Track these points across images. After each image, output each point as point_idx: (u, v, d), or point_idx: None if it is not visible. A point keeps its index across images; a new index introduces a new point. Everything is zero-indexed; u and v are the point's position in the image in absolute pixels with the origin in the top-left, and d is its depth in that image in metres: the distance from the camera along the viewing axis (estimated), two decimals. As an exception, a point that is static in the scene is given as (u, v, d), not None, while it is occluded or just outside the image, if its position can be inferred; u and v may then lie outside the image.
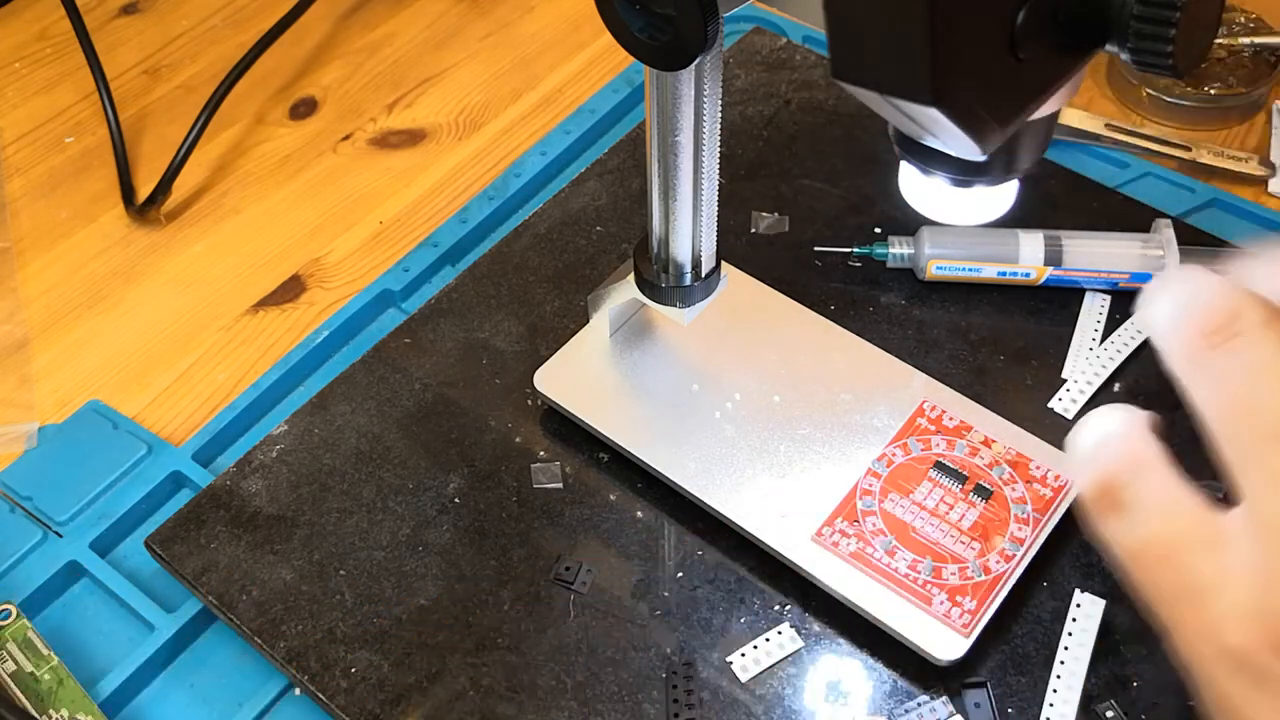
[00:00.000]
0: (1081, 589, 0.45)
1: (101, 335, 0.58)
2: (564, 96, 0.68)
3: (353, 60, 0.71)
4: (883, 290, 0.55)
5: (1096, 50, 0.32)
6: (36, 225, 0.63)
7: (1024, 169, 0.36)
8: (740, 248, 0.56)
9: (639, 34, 0.37)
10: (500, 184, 0.62)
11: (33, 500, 0.51)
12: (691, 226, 0.44)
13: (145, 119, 0.68)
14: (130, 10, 0.74)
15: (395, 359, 0.53)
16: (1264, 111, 0.64)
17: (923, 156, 0.36)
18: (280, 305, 0.59)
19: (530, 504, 0.48)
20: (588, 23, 0.72)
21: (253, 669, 0.46)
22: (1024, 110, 0.31)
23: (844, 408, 0.49)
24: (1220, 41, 0.64)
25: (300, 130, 0.67)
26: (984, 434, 0.48)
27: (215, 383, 0.56)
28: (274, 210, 0.63)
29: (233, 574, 0.46)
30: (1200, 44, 0.31)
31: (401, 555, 0.47)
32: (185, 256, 0.61)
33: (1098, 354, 0.52)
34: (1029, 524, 0.45)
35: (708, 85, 0.40)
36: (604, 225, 0.58)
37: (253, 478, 0.49)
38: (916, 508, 0.46)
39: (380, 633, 0.45)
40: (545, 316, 0.54)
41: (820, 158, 0.60)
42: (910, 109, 0.29)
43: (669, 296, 0.47)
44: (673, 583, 0.46)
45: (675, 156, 0.42)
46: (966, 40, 0.28)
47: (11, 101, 0.69)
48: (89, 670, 0.46)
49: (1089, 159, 0.62)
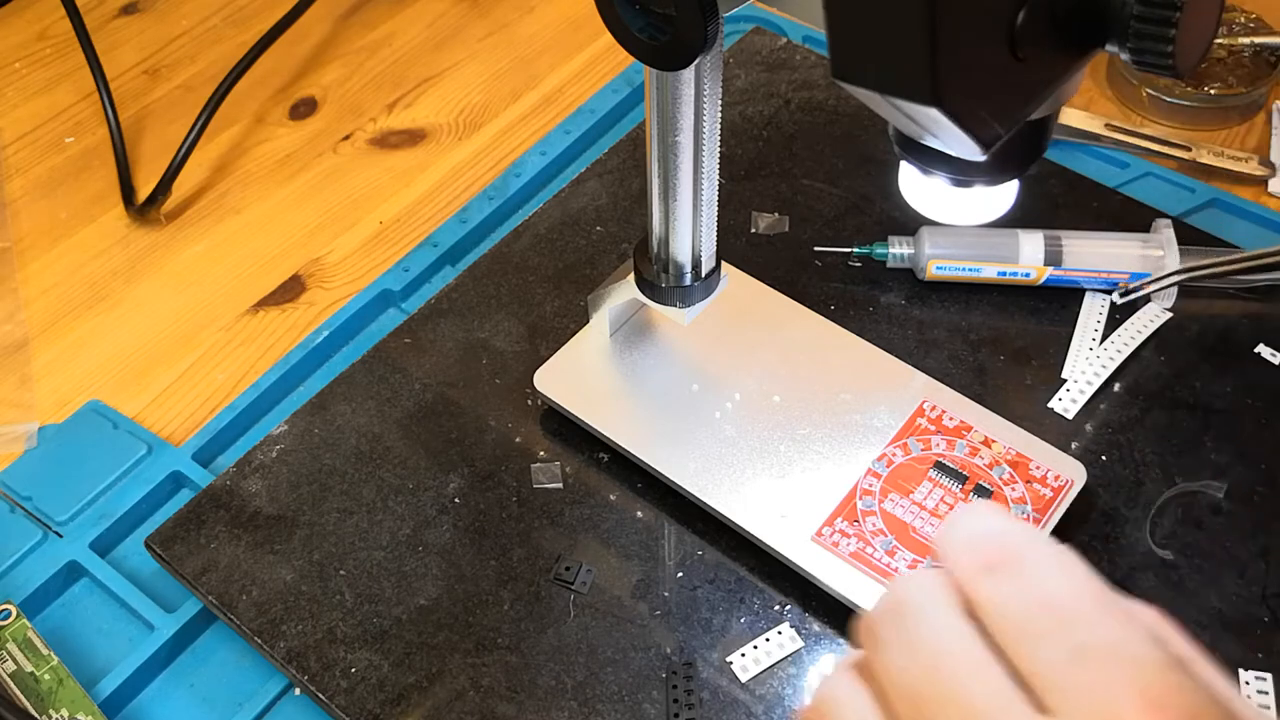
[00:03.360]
0: (1081, 589, 0.45)
1: (101, 335, 0.58)
2: (564, 96, 0.68)
3: (353, 60, 0.71)
4: (883, 290, 0.55)
5: (1096, 50, 0.32)
6: (36, 225, 0.63)
7: (1024, 169, 0.36)
8: (740, 248, 0.56)
9: (639, 34, 0.37)
10: (500, 184, 0.62)
11: (33, 500, 0.51)
12: (691, 226, 0.45)
13: (145, 119, 0.68)
14: (130, 10, 0.74)
15: (395, 359, 0.53)
16: (1264, 111, 0.64)
17: (923, 156, 0.36)
18: (280, 305, 0.59)
19: (530, 504, 0.48)
20: (588, 23, 0.72)
21: (253, 669, 0.46)
22: (1024, 110, 0.31)
23: (844, 408, 0.49)
24: (1220, 41, 0.64)
25: (300, 130, 0.67)
26: (984, 434, 0.48)
27: (215, 383, 0.56)
28: (274, 210, 0.63)
29: (233, 574, 0.46)
30: (1200, 44, 0.31)
31: (401, 555, 0.47)
32: (185, 256, 0.61)
33: (1098, 354, 0.52)
34: (1029, 524, 0.45)
35: (708, 85, 0.40)
36: (604, 225, 0.58)
37: (253, 478, 0.49)
38: (916, 508, 0.46)
39: (380, 633, 0.45)
40: (545, 316, 0.54)
41: (820, 158, 0.60)
42: (910, 109, 0.29)
43: (669, 296, 0.47)
44: (673, 583, 0.46)
45: (675, 156, 0.42)
46: (966, 40, 0.28)
47: (11, 101, 0.69)
48: (89, 670, 0.46)
49: (1089, 159, 0.62)
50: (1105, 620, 0.30)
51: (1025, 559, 0.32)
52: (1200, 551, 0.46)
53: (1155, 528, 0.47)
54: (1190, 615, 0.44)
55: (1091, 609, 0.31)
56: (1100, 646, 0.30)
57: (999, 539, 0.32)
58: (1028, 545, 0.32)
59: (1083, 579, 0.31)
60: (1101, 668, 0.29)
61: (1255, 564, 0.46)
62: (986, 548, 0.32)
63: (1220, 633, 0.44)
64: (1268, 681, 0.43)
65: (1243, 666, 0.43)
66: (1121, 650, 0.30)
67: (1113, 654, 0.30)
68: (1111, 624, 0.30)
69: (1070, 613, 0.30)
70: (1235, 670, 0.43)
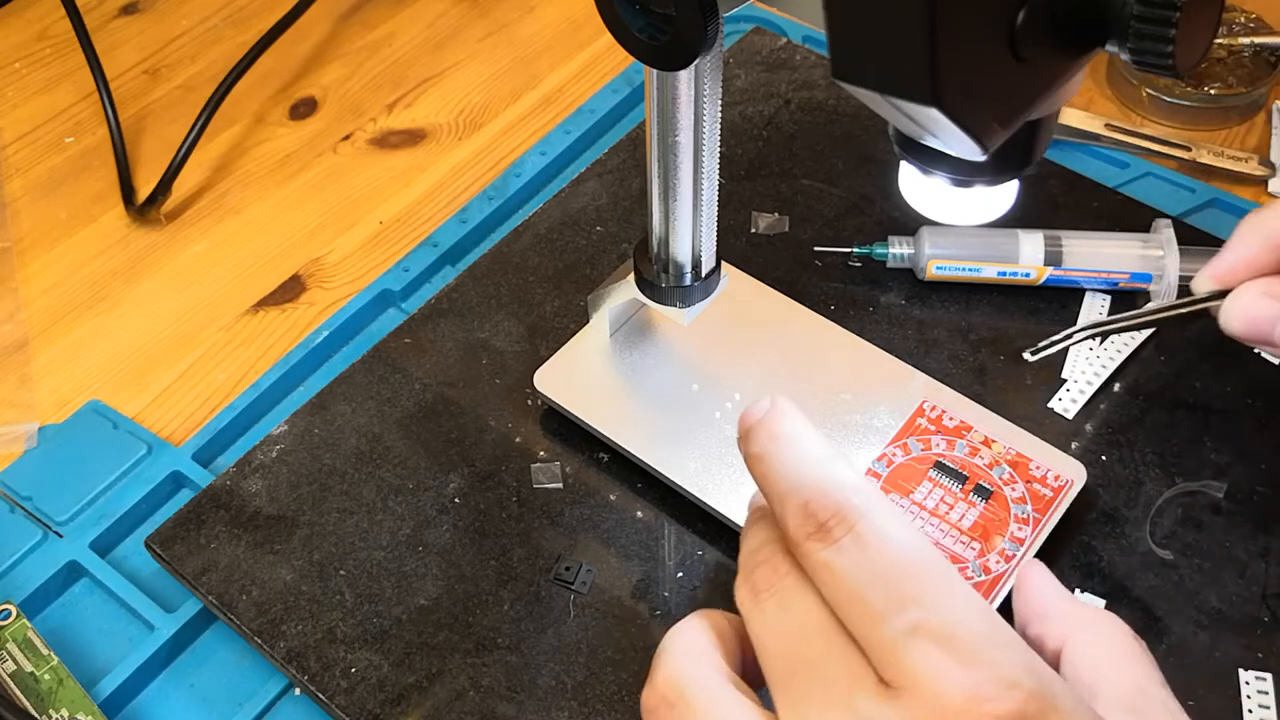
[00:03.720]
0: (1082, 589, 0.45)
1: (101, 335, 0.58)
2: (564, 96, 0.68)
3: (353, 60, 0.71)
4: (883, 290, 0.55)
5: (1096, 50, 0.32)
6: (36, 225, 0.63)
7: (1024, 169, 0.36)
8: (740, 248, 0.56)
9: (639, 34, 0.37)
10: (500, 184, 0.62)
11: (33, 500, 0.51)
12: (691, 226, 0.45)
13: (145, 119, 0.68)
14: (130, 10, 0.74)
15: (395, 359, 0.53)
16: (1264, 111, 0.64)
17: (923, 156, 0.36)
18: (280, 305, 0.59)
19: (530, 504, 0.48)
20: (588, 23, 0.72)
21: (253, 669, 0.46)
22: (1024, 110, 0.31)
23: (844, 408, 0.49)
24: (1220, 41, 0.64)
25: (300, 130, 0.67)
26: (984, 434, 0.48)
27: (215, 383, 0.56)
28: (274, 210, 0.63)
29: (233, 574, 0.46)
30: (1200, 44, 0.31)
31: (401, 555, 0.47)
32: (185, 256, 0.61)
33: (1098, 354, 0.52)
34: (1029, 524, 0.45)
35: (708, 85, 0.40)
36: (604, 225, 0.58)
37: (253, 478, 0.49)
38: (916, 508, 0.46)
39: (380, 633, 0.45)
40: (545, 316, 0.54)
41: (820, 158, 0.60)
42: (910, 109, 0.29)
43: (669, 296, 0.47)
44: (673, 583, 0.46)
45: (675, 156, 0.42)
46: (966, 40, 0.28)
47: (11, 101, 0.69)
48: (89, 670, 0.46)
49: (1089, 159, 0.62)
50: (940, 595, 0.30)
51: (858, 522, 0.31)
52: (1200, 551, 0.46)
53: (1155, 528, 0.47)
54: (1190, 615, 0.44)
55: (928, 581, 0.30)
56: (934, 625, 0.29)
57: (831, 496, 0.32)
58: (860, 506, 0.31)
59: (916, 547, 0.31)
60: (932, 649, 0.29)
61: (1255, 564, 0.46)
62: (818, 507, 0.32)
63: (1220, 633, 0.44)
64: (1268, 681, 0.43)
65: (1243, 666, 0.43)
66: (956, 631, 0.29)
67: (945, 635, 0.29)
68: (946, 599, 0.30)
69: (905, 586, 0.30)
70: (1235, 670, 0.43)
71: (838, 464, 0.33)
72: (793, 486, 0.32)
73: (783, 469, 0.33)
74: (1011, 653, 0.30)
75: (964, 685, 0.29)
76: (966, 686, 0.28)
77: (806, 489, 0.32)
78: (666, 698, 0.33)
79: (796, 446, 0.33)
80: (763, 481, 0.34)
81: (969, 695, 0.28)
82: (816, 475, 0.32)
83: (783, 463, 0.33)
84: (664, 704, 0.33)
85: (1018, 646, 0.30)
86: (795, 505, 0.32)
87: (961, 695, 0.28)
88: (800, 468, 0.33)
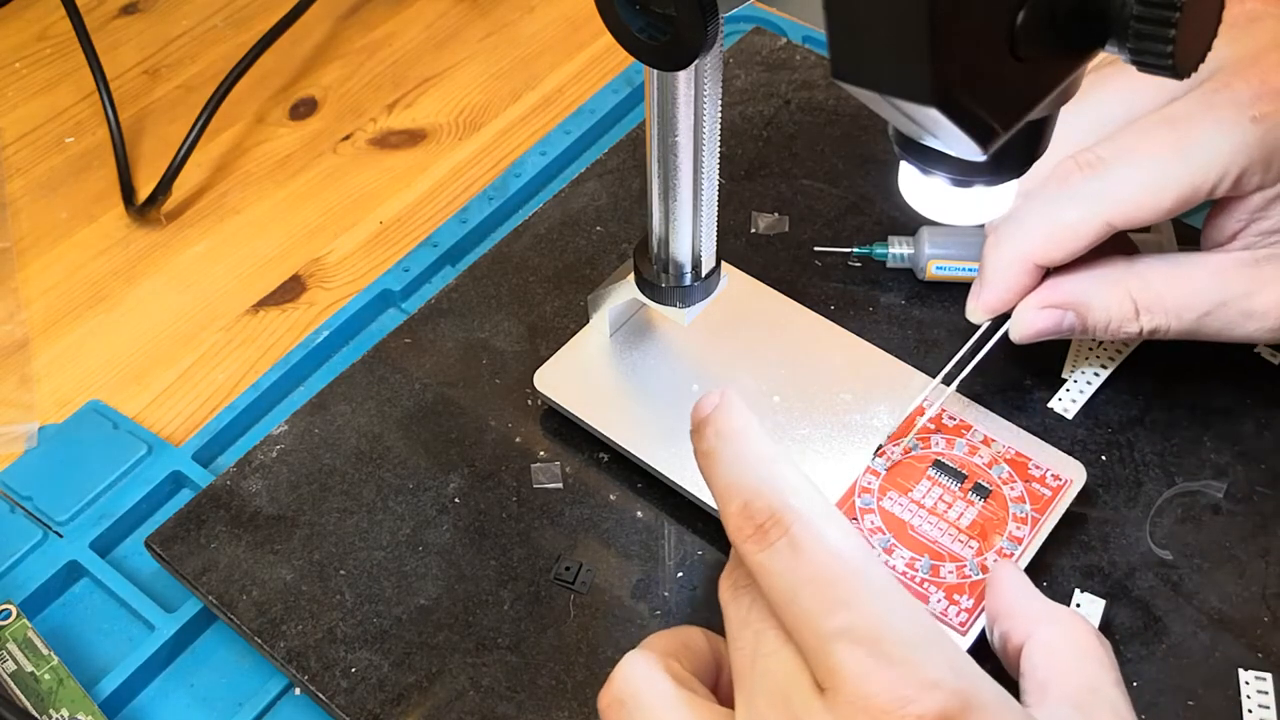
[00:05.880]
0: (1081, 589, 0.45)
1: (101, 335, 0.58)
2: (564, 96, 0.68)
3: (353, 60, 0.71)
4: (883, 290, 0.55)
5: (1096, 50, 0.32)
6: (36, 225, 0.63)
7: (1024, 169, 0.36)
8: (740, 248, 0.56)
9: (639, 34, 0.37)
10: (500, 184, 0.62)
11: (33, 500, 0.51)
12: (691, 226, 0.45)
13: (145, 119, 0.68)
14: (130, 10, 0.74)
15: (395, 359, 0.53)
16: (1264, 111, 0.64)
17: (923, 156, 0.36)
18: (280, 305, 0.59)
19: (530, 504, 0.48)
20: (588, 23, 0.72)
21: (253, 669, 0.47)
22: (1024, 111, 0.32)
23: (843, 407, 0.49)
24: (1220, 41, 0.64)
25: (300, 130, 0.67)
26: (983, 433, 0.48)
27: (215, 383, 0.56)
28: (274, 210, 0.63)
29: (233, 574, 0.46)
30: (1200, 44, 0.31)
31: (401, 555, 0.47)
32: (185, 256, 0.61)
33: (1097, 354, 0.52)
34: (1028, 523, 0.45)
35: (708, 85, 0.40)
36: (604, 225, 0.58)
37: (253, 478, 0.49)
38: (915, 506, 0.46)
39: (380, 633, 0.45)
40: (545, 316, 0.54)
41: (820, 158, 0.60)
42: (910, 109, 0.29)
43: (669, 296, 0.47)
44: (673, 583, 0.46)
45: (675, 156, 0.42)
46: (966, 40, 0.28)
47: (11, 101, 0.69)
48: (89, 670, 0.46)
49: (1089, 159, 0.62)
50: (870, 599, 0.30)
51: (793, 525, 0.31)
52: (1200, 551, 0.46)
53: (1155, 528, 0.47)
54: (1190, 615, 0.44)
55: (859, 585, 0.31)
56: (862, 629, 0.30)
57: (767, 499, 0.32)
58: (797, 508, 0.32)
59: (850, 550, 0.31)
60: (859, 651, 0.30)
61: (1255, 564, 0.46)
62: (755, 509, 0.32)
63: (1220, 633, 0.44)
64: (1267, 681, 0.43)
65: (1243, 666, 0.43)
66: (883, 633, 0.30)
67: (873, 638, 0.30)
68: (875, 603, 0.30)
69: (836, 590, 0.31)
70: (1235, 670, 0.43)
71: (779, 464, 0.33)
72: (733, 486, 0.33)
73: (724, 468, 0.34)
74: (938, 653, 0.30)
75: (888, 685, 0.29)
76: (890, 686, 0.29)
77: (745, 490, 0.33)
78: (619, 697, 0.34)
79: (739, 444, 0.34)
80: (708, 479, 0.34)
81: (893, 695, 0.29)
82: (755, 476, 0.33)
83: (725, 461, 0.34)
84: (615, 703, 0.34)
85: (945, 647, 0.30)
86: (735, 506, 0.33)
87: (885, 695, 0.29)
88: (741, 467, 0.33)
